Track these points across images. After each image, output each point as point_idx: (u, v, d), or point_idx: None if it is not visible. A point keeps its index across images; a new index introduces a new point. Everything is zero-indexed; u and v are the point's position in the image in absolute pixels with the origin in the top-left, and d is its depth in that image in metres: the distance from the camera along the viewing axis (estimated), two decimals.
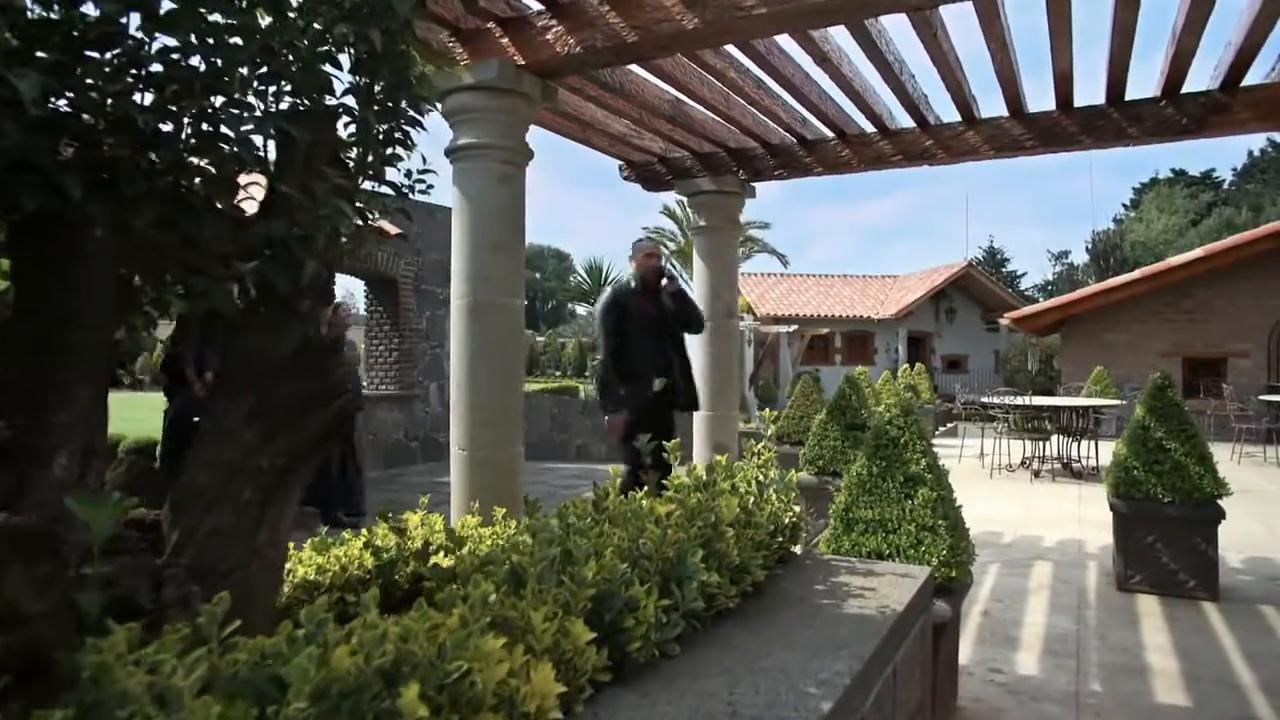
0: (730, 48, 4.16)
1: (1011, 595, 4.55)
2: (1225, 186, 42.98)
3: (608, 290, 4.99)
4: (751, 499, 2.27)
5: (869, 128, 5.31)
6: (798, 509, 2.55)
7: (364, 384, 7.66)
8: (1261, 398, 11.05)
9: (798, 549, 2.67)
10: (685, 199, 6.07)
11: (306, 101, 1.80)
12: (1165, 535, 4.50)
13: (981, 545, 5.82)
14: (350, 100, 1.92)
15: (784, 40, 4.13)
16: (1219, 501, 4.43)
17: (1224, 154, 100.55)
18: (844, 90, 4.65)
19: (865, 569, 2.50)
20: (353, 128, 1.97)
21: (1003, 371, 24.26)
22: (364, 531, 1.96)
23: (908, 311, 26.10)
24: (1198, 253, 13.48)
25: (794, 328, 25.83)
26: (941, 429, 14.79)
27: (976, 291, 26.94)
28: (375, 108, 2.10)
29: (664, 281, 4.89)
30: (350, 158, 2.12)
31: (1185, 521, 4.44)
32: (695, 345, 5.95)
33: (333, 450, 6.79)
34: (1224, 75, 4.37)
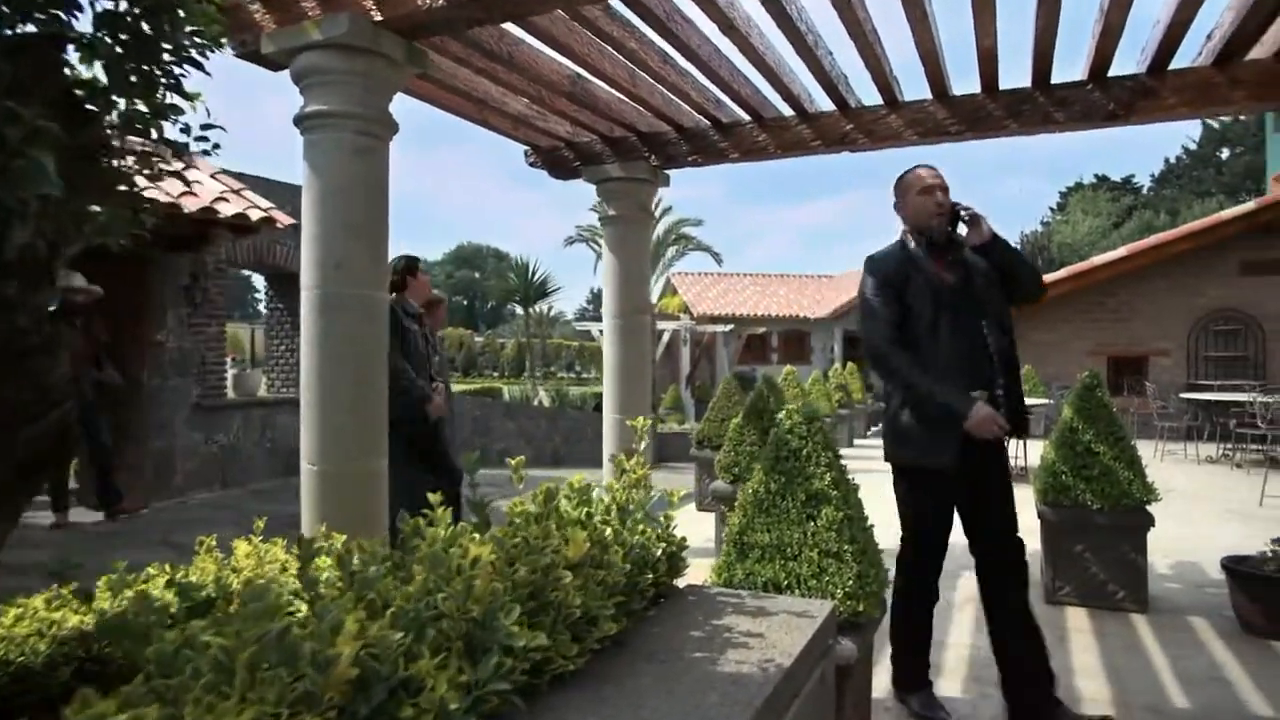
0: (629, 14, 3.75)
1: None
2: (1144, 192, 44.41)
3: (866, 269, 3.05)
4: (610, 530, 1.85)
5: (787, 110, 4.96)
6: (679, 535, 2.14)
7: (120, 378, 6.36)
8: (1182, 396, 11.13)
9: (682, 582, 2.26)
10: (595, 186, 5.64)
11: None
12: (1094, 544, 4.23)
13: None
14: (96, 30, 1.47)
15: (688, 7, 3.75)
16: (1148, 508, 4.19)
17: (1143, 159, 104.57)
18: (757, 67, 4.28)
19: (756, 606, 2.10)
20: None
21: None
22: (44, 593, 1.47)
23: (844, 311, 26.15)
24: (1121, 252, 13.60)
25: (731, 327, 25.66)
26: (873, 429, 14.66)
27: None
28: (127, 38, 1.64)
29: (962, 227, 2.96)
30: (118, 106, 1.66)
31: (1114, 530, 4.18)
32: (606, 345, 5.54)
33: (49, 478, 6.13)
34: (1151, 57, 4.13)
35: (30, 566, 4.28)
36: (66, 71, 1.56)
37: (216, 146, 1.81)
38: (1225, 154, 38.79)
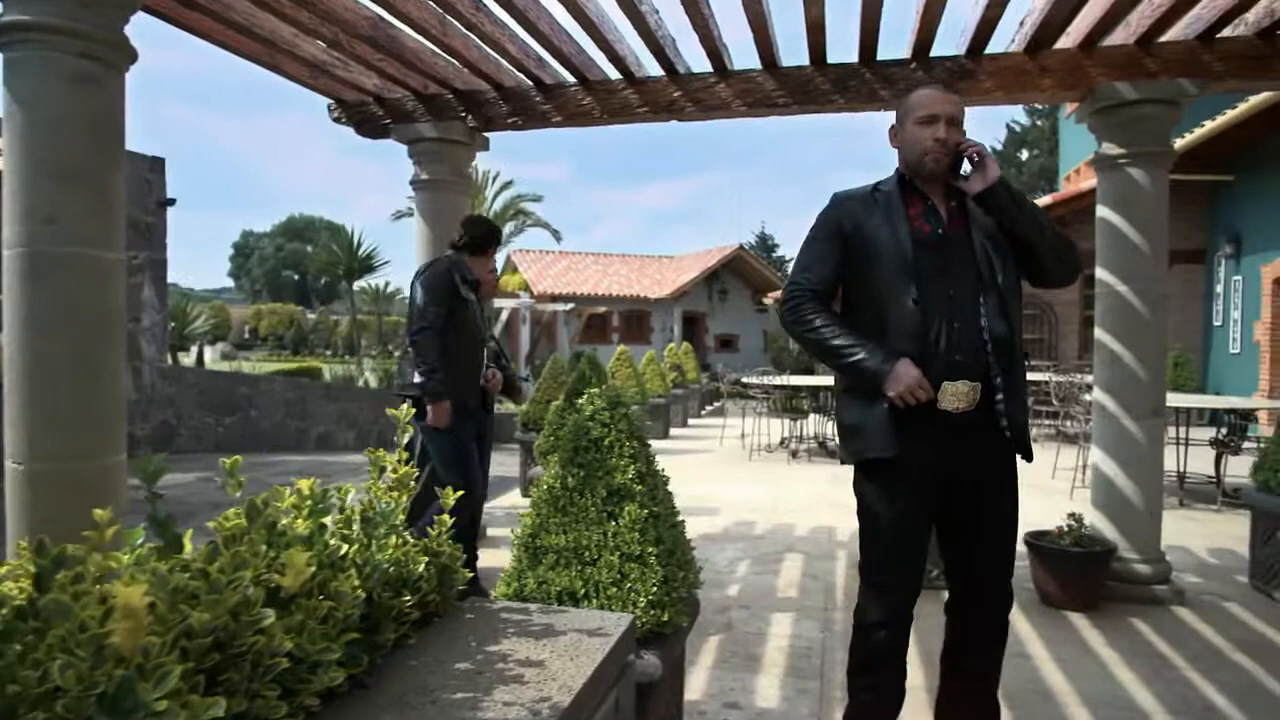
0: None
1: (759, 598, 4.12)
2: None
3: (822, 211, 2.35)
4: (350, 548, 1.48)
5: (614, 73, 4.66)
6: (448, 548, 1.80)
7: None
8: None
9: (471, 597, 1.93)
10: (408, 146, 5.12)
11: None
12: None
13: (734, 539, 5.47)
14: None
15: None
16: None
17: None
18: (579, 21, 3.94)
19: (544, 624, 1.80)
20: None
21: (770, 351, 25.24)
22: None
23: (683, 291, 26.47)
24: None
25: (571, 306, 25.37)
26: (708, 408, 14.83)
27: (747, 273, 27.85)
28: None
29: (967, 170, 2.23)
30: None
31: None
32: None
33: None
34: (970, 40, 4.14)
35: None
36: None
37: None
38: (1024, 155, 42.27)
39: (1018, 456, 2.24)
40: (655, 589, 2.01)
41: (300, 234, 66.27)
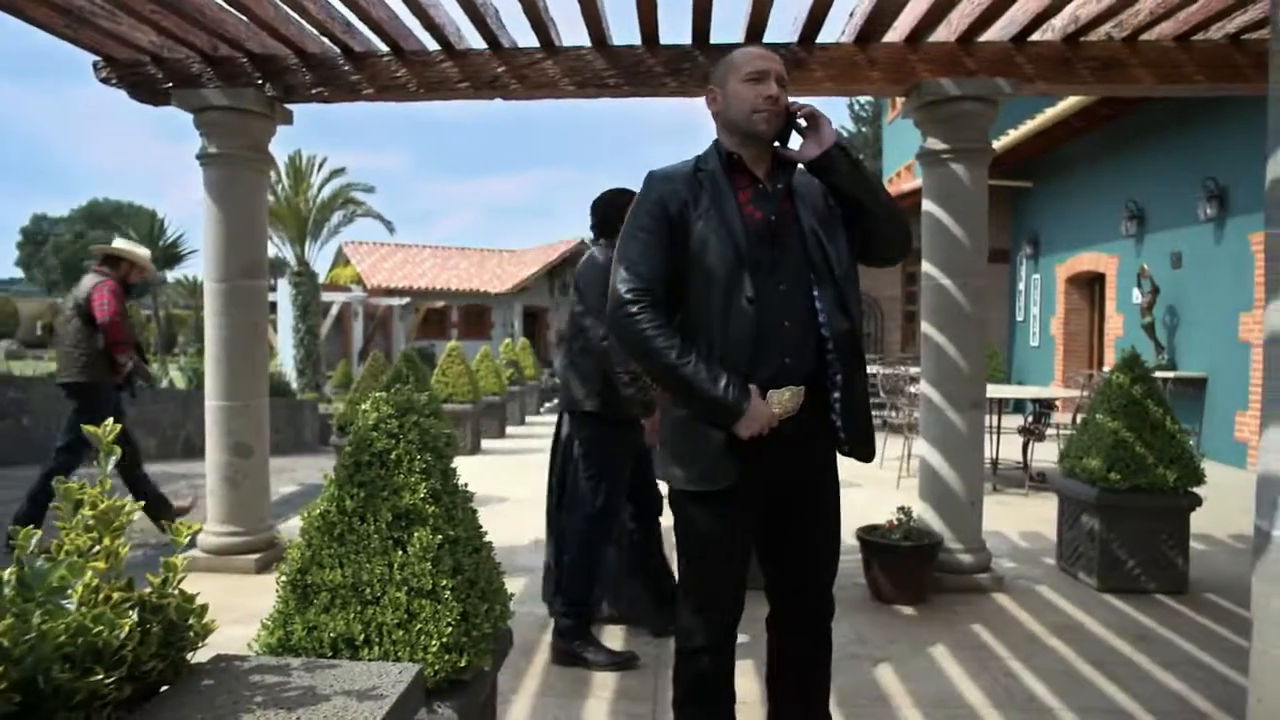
0: None
1: None
2: None
3: (638, 194, 2.06)
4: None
5: (431, 44, 4.26)
6: (175, 596, 1.41)
7: None
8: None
9: (204, 654, 1.53)
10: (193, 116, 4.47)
11: None
12: None
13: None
14: None
15: None
16: None
17: None
18: None
19: (305, 685, 1.44)
20: None
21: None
22: None
23: (524, 286, 25.99)
24: None
25: (407, 300, 24.33)
26: (546, 405, 14.52)
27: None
28: None
29: (795, 139, 2.04)
30: None
31: None
32: (208, 314, 4.45)
33: None
34: (802, 27, 4.06)
35: None
36: None
37: None
38: None
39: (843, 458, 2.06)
40: (450, 629, 1.69)
41: (105, 220, 60.07)
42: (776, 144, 2.04)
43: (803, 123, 1.99)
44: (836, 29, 4.22)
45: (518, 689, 2.96)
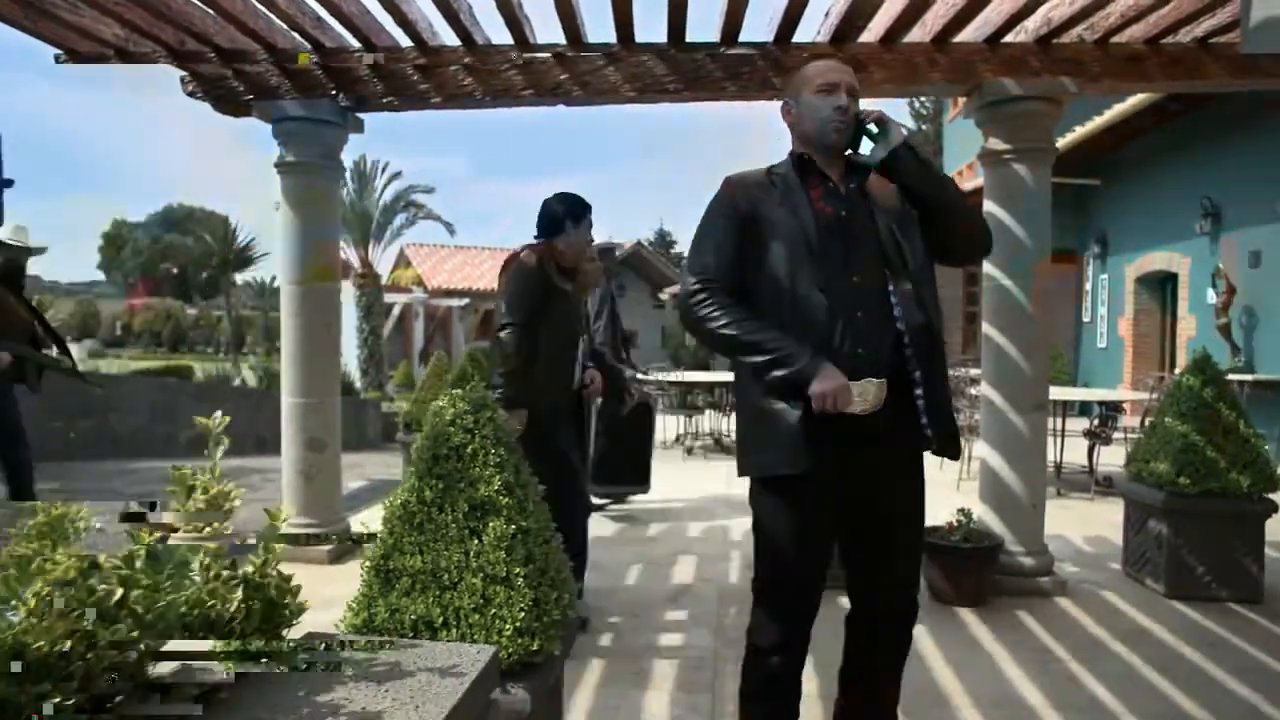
0: None
1: (649, 606, 3.95)
2: None
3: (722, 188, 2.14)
4: (123, 590, 1.20)
5: (404, 40, 4.29)
6: (274, 577, 1.54)
7: None
8: None
9: (295, 632, 1.65)
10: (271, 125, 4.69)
11: None
12: None
13: (626, 541, 5.29)
14: None
15: None
16: None
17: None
18: None
19: (391, 661, 1.55)
20: None
21: (667, 347, 25.29)
22: None
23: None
24: None
25: (466, 302, 24.78)
26: None
27: (646, 270, 27.80)
28: None
29: (866, 144, 2.08)
30: None
31: None
32: (284, 315, 4.66)
33: None
34: (778, 26, 3.97)
35: None
36: None
37: None
38: None
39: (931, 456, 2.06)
40: (523, 614, 1.79)
41: (179, 225, 62.55)
42: (848, 151, 2.10)
43: (873, 128, 2.03)
44: (812, 29, 4.20)
45: (579, 681, 3.06)
